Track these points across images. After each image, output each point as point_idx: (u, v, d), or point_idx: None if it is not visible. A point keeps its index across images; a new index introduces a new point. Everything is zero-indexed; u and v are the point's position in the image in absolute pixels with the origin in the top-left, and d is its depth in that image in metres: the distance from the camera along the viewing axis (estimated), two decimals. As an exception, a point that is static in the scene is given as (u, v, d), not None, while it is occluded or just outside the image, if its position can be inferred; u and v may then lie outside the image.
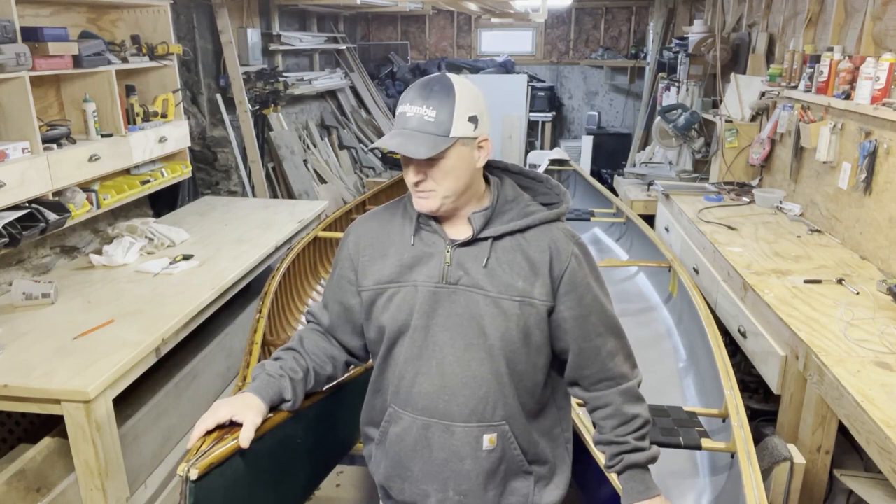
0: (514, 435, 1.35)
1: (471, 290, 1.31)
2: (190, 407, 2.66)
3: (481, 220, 1.33)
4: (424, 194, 1.31)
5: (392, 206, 1.47)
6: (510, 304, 1.30)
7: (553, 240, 1.33)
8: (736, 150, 4.27)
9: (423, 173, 1.28)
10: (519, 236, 1.33)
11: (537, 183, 1.44)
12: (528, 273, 1.31)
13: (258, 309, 2.65)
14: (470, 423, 1.32)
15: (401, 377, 1.36)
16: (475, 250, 1.33)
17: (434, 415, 1.34)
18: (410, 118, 1.26)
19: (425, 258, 1.35)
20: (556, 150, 5.74)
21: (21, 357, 2.13)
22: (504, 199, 1.36)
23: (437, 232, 1.36)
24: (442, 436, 1.34)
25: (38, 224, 2.54)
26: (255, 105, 5.26)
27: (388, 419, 1.41)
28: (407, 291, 1.34)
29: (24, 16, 2.74)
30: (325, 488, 2.70)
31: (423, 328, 1.33)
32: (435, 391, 1.33)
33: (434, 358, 1.33)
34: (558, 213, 1.37)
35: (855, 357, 2.05)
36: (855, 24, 3.19)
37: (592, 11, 8.14)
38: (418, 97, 1.27)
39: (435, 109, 1.25)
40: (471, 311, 1.31)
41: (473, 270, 1.31)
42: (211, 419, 1.30)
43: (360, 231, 1.45)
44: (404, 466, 1.39)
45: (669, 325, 3.26)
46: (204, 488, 1.21)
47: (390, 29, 8.51)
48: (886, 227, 2.74)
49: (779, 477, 1.92)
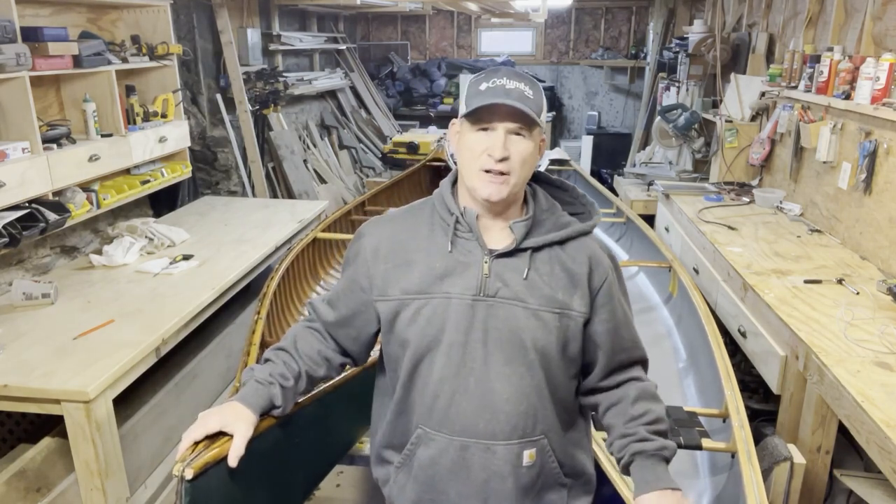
0: (553, 448, 1.32)
1: (510, 303, 1.26)
2: (190, 407, 2.66)
3: (523, 229, 1.29)
4: (501, 178, 1.24)
5: (415, 210, 1.39)
6: (550, 316, 1.27)
7: (592, 253, 1.32)
8: (736, 150, 4.27)
9: (508, 151, 1.23)
10: (557, 248, 1.31)
11: (563, 192, 1.41)
12: (568, 285, 1.29)
13: (257, 310, 2.65)
14: (511, 441, 1.27)
15: (435, 397, 1.28)
16: (515, 261, 1.28)
17: (474, 435, 1.27)
18: (511, 90, 1.23)
19: (460, 268, 1.28)
20: (556, 150, 5.75)
21: (21, 357, 2.13)
22: (540, 208, 1.33)
23: (475, 240, 1.29)
24: (482, 456, 1.27)
25: (38, 224, 2.53)
26: (255, 105, 5.26)
27: (415, 441, 1.32)
28: (437, 304, 1.27)
29: (24, 16, 2.74)
30: (325, 488, 2.70)
31: (461, 344, 1.26)
32: (475, 410, 1.26)
33: (473, 375, 1.26)
34: (592, 224, 1.35)
35: (855, 357, 2.05)
36: (855, 24, 3.19)
37: (592, 11, 8.14)
38: (514, 76, 1.26)
39: (531, 90, 1.26)
40: (510, 325, 1.26)
41: (513, 282, 1.27)
42: (200, 430, 1.25)
43: (379, 235, 1.36)
44: (438, 490, 1.32)
45: (669, 325, 3.25)
46: (199, 488, 1.20)
47: (390, 29, 8.50)
48: (886, 227, 2.74)
49: (779, 477, 1.92)
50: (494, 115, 1.23)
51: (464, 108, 1.28)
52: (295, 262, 3.39)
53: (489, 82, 1.25)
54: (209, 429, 1.25)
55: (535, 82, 1.28)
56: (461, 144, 1.29)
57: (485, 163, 1.23)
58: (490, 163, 1.23)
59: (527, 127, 1.24)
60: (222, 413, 1.28)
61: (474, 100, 1.24)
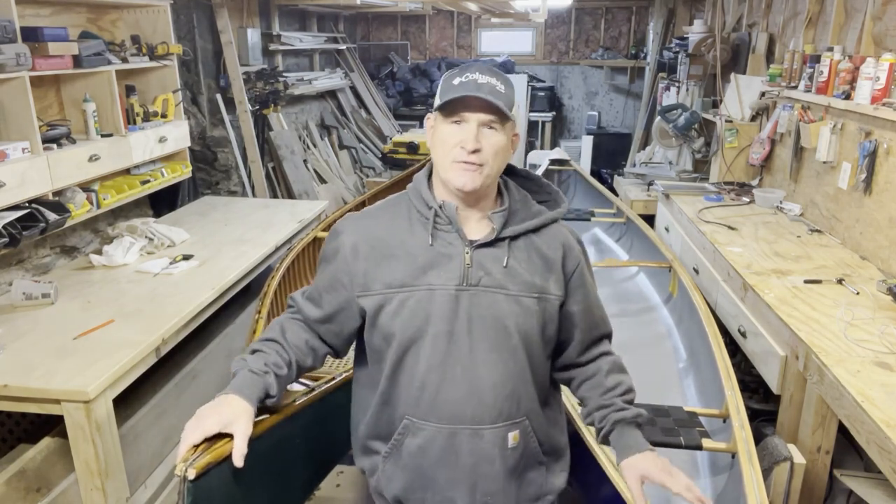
0: (533, 428, 1.38)
1: (493, 291, 1.32)
2: (190, 407, 2.63)
3: (501, 219, 1.35)
4: (474, 168, 1.28)
5: (390, 204, 1.43)
6: (530, 300, 1.33)
7: (564, 239, 1.41)
8: (736, 150, 4.27)
9: (481, 143, 1.28)
10: (532, 235, 1.38)
11: (531, 182, 1.48)
12: (544, 270, 1.36)
13: (257, 309, 2.65)
14: (497, 424, 1.32)
15: (422, 387, 1.31)
16: (495, 250, 1.34)
17: (462, 421, 1.31)
18: (483, 84, 1.28)
19: (442, 260, 1.32)
20: (556, 150, 5.73)
21: (21, 357, 2.13)
22: (514, 199, 1.39)
23: (455, 232, 1.33)
24: (470, 441, 1.32)
25: (38, 224, 2.54)
26: (255, 105, 5.26)
27: (402, 431, 1.35)
28: (421, 296, 1.30)
29: (24, 16, 2.74)
30: (325, 488, 2.70)
31: (446, 334, 1.30)
32: (463, 398, 1.31)
33: (459, 364, 1.31)
34: (561, 212, 1.43)
35: (855, 357, 2.05)
36: (855, 24, 3.19)
37: (592, 11, 8.14)
38: (486, 71, 1.30)
39: (503, 85, 1.30)
40: (493, 312, 1.31)
41: (494, 270, 1.32)
42: (198, 432, 1.24)
43: (357, 232, 1.38)
44: (427, 477, 1.35)
45: (669, 325, 3.25)
46: (202, 488, 1.21)
47: (390, 29, 8.50)
48: (886, 227, 2.74)
49: (779, 477, 1.92)
50: (467, 108, 1.28)
51: (438, 101, 1.32)
52: (295, 262, 3.39)
53: (462, 77, 1.30)
54: (207, 432, 1.24)
55: (507, 78, 1.33)
56: (435, 137, 1.33)
57: (458, 154, 1.28)
58: (463, 154, 1.27)
59: (499, 120, 1.29)
60: (220, 411, 1.27)
61: (448, 93, 1.29)
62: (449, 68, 8.93)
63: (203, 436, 1.24)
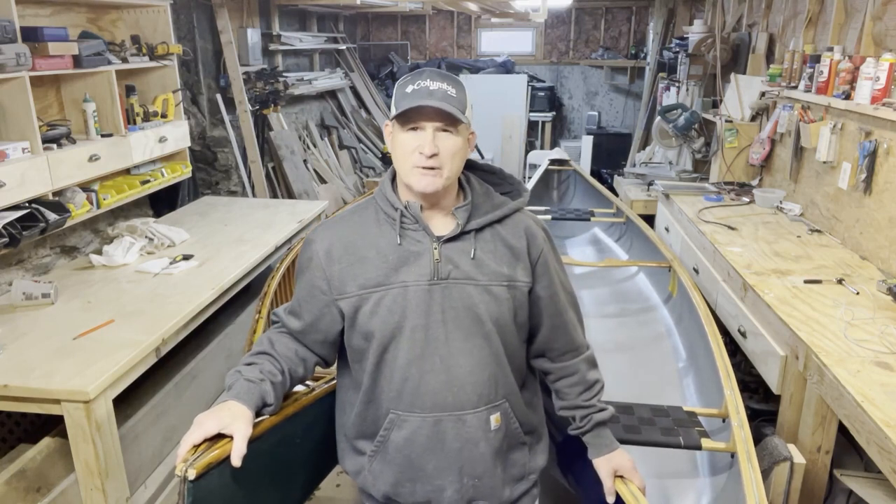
0: (513, 410, 1.45)
1: (463, 282, 1.37)
2: (190, 407, 2.66)
3: (465, 214, 1.40)
4: (433, 172, 1.33)
5: (359, 209, 1.48)
6: (500, 289, 1.39)
7: (527, 227, 1.46)
8: (736, 150, 4.27)
9: (437, 148, 1.32)
10: (497, 226, 1.43)
11: (492, 175, 1.54)
12: (510, 259, 1.42)
13: (257, 309, 2.65)
14: (479, 408, 1.39)
15: (404, 380, 1.37)
16: (461, 244, 1.39)
17: (445, 409, 1.37)
18: (434, 91, 1.32)
19: (412, 257, 1.37)
20: (556, 150, 5.73)
21: (21, 357, 2.13)
22: (476, 193, 1.44)
23: (422, 229, 1.38)
24: (454, 427, 1.38)
25: (38, 224, 2.53)
26: (255, 105, 5.26)
27: (388, 426, 1.40)
28: (396, 293, 1.36)
29: (24, 16, 2.74)
30: (325, 488, 2.70)
31: (423, 327, 1.36)
32: (443, 386, 1.37)
33: (437, 354, 1.37)
34: (523, 201, 1.49)
35: (855, 357, 2.05)
36: (855, 24, 3.19)
37: (592, 11, 8.14)
38: (437, 77, 1.35)
39: (454, 89, 1.35)
40: (465, 303, 1.37)
41: (462, 263, 1.38)
42: (198, 434, 1.26)
43: (329, 238, 1.43)
44: (416, 468, 1.40)
45: (669, 325, 3.25)
46: (202, 488, 1.21)
47: (390, 29, 8.50)
48: (886, 227, 2.74)
49: (779, 477, 1.92)
50: (421, 116, 1.33)
51: (394, 110, 1.36)
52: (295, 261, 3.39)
53: (414, 84, 1.34)
54: (207, 432, 1.26)
55: (458, 81, 1.38)
56: (395, 144, 1.38)
57: (417, 160, 1.33)
58: (421, 160, 1.33)
59: (453, 124, 1.34)
60: (219, 415, 1.29)
61: (402, 102, 1.34)
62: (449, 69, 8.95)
63: (203, 436, 1.26)
